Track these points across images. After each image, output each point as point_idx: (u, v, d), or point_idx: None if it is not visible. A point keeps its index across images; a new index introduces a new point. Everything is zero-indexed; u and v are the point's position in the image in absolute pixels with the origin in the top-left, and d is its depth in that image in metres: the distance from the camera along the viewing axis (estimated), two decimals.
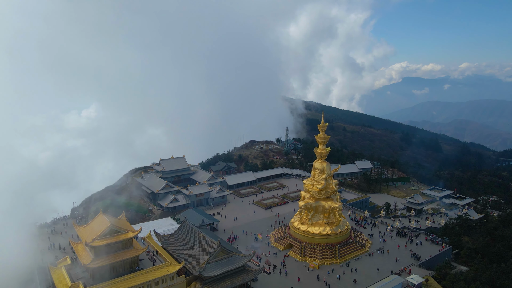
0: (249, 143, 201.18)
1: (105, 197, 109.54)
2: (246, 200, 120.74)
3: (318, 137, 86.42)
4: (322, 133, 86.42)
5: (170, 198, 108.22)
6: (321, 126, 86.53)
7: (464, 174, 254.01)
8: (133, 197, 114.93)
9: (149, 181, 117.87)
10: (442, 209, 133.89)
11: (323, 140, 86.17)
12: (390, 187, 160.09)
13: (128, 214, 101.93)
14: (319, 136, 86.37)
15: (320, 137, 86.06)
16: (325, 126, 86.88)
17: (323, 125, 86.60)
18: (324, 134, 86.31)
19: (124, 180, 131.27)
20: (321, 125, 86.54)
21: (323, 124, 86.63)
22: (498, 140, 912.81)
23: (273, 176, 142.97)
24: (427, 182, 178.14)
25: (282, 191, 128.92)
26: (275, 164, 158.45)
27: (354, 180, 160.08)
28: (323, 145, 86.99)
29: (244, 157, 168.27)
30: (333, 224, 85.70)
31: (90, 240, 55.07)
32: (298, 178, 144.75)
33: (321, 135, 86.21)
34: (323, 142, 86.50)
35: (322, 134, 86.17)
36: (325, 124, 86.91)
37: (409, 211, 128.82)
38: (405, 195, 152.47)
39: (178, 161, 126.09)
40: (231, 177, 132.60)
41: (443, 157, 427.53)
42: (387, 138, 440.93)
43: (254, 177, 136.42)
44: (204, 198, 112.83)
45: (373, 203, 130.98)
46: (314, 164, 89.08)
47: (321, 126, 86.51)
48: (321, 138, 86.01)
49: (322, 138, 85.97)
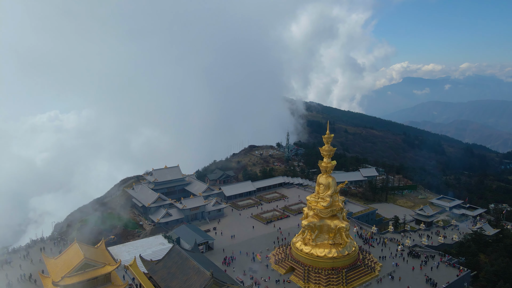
0: (248, 149, 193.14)
1: (91, 212, 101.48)
2: (244, 213, 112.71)
3: (323, 150, 78.16)
4: (327, 145, 78.21)
5: (162, 213, 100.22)
6: (326, 138, 78.30)
7: (471, 179, 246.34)
8: (123, 210, 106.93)
9: (140, 193, 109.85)
10: (453, 221, 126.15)
11: (328, 153, 77.94)
12: (396, 196, 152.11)
13: (116, 231, 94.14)
14: (324, 149, 78.12)
15: (325, 150, 77.81)
16: (331, 137, 78.67)
17: (328, 136, 78.35)
18: (330, 147, 78.07)
19: (114, 191, 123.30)
20: (326, 136, 78.31)
21: (328, 136, 78.38)
22: (499, 140, 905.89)
23: (273, 186, 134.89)
24: (434, 189, 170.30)
25: (283, 202, 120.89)
26: (275, 172, 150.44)
27: (359, 188, 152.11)
28: (328, 158, 78.79)
29: (242, 164, 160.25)
30: (340, 246, 77.60)
31: (59, 277, 47.07)
32: (299, 188, 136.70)
33: (326, 147, 77.99)
34: (329, 155, 78.26)
35: (328, 147, 77.95)
36: (331, 136, 78.65)
37: (418, 224, 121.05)
38: (412, 205, 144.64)
39: (172, 171, 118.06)
40: (229, 188, 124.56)
41: (446, 160, 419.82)
42: (389, 140, 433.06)
43: (253, 187, 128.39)
44: (199, 212, 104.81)
45: (380, 215, 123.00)
46: (318, 179, 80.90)
47: (326, 137, 78.28)
48: (326, 151, 77.79)
49: (328, 151, 77.73)
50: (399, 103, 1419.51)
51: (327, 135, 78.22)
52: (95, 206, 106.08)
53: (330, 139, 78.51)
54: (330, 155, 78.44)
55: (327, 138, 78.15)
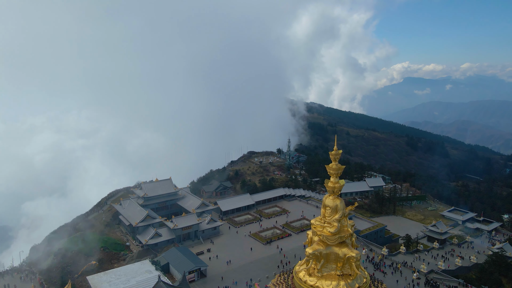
0: (247, 155, 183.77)
1: (72, 232, 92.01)
2: (242, 230, 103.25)
3: (330, 168, 67.96)
4: (335, 162, 68.01)
5: (151, 233, 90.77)
6: (334, 154, 68.02)
7: (479, 186, 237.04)
8: (109, 229, 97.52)
9: (128, 209, 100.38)
10: (467, 237, 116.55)
11: (336, 172, 68.04)
12: (405, 208, 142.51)
13: (99, 254, 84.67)
14: (331, 167, 67.88)
15: (333, 168, 67.59)
16: (339, 154, 68.26)
17: (336, 152, 68.08)
18: (338, 164, 67.76)
19: (100, 206, 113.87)
20: (334, 153, 68.02)
21: (336, 152, 68.08)
22: (500, 141, 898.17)
23: (273, 199, 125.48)
24: (444, 199, 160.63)
25: (284, 218, 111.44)
26: (276, 182, 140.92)
27: (365, 200, 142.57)
28: (335, 177, 68.51)
29: (241, 173, 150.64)
30: (349, 277, 67.46)
31: None
32: (301, 201, 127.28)
33: (333, 165, 67.81)
34: (336, 174, 68.45)
35: (335, 164, 67.72)
36: (339, 152, 68.26)
37: (431, 241, 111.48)
38: (422, 218, 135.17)
39: (163, 185, 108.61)
40: (225, 202, 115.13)
41: (450, 163, 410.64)
42: (392, 143, 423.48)
43: (252, 200, 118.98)
44: (192, 231, 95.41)
45: (389, 232, 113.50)
46: (324, 201, 70.64)
47: (334, 154, 68.01)
48: (333, 170, 67.55)
49: (335, 170, 67.50)
50: (400, 103, 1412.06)
51: (335, 151, 68.21)
52: (77, 225, 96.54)
53: (338, 155, 68.52)
54: (338, 174, 68.80)
55: (334, 155, 68.13)
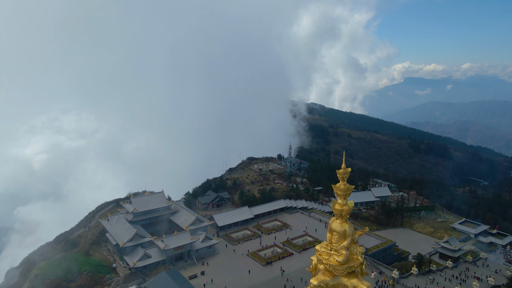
0: (247, 162, 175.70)
1: (54, 252, 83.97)
2: (240, 248, 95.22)
3: (338, 189, 59.00)
4: (343, 182, 58.86)
5: (139, 254, 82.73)
6: (342, 173, 58.82)
7: (487, 191, 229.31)
8: (95, 248, 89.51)
9: (115, 226, 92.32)
10: (482, 253, 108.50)
11: (344, 193, 59.56)
12: (413, 219, 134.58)
13: (82, 279, 76.64)
14: (339, 188, 59.04)
15: (341, 189, 58.77)
16: (347, 172, 59.29)
17: (344, 171, 59.40)
18: (346, 184, 59.19)
19: (88, 220, 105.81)
20: (342, 172, 58.94)
21: (345, 170, 59.45)
22: (502, 141, 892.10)
23: (274, 211, 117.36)
24: (453, 209, 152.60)
25: (285, 234, 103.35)
26: (276, 192, 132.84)
27: (371, 211, 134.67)
28: (344, 199, 60.25)
29: (239, 182, 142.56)
30: None
31: None
32: (304, 213, 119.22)
33: (341, 185, 58.88)
34: (344, 195, 60.01)
35: (343, 185, 59.37)
36: (347, 171, 59.39)
37: (443, 259, 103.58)
38: (432, 231, 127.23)
39: (155, 198, 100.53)
40: (222, 216, 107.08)
41: (454, 166, 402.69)
42: (395, 145, 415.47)
43: (250, 213, 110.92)
44: (185, 251, 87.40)
45: (398, 249, 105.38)
46: (330, 224, 62.13)
47: (342, 173, 58.90)
48: (341, 191, 58.74)
49: (343, 191, 58.45)
50: (400, 104, 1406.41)
51: (343, 170, 59.43)
52: (59, 244, 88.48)
53: (346, 175, 59.50)
54: (346, 195, 60.56)
55: (342, 174, 59.14)
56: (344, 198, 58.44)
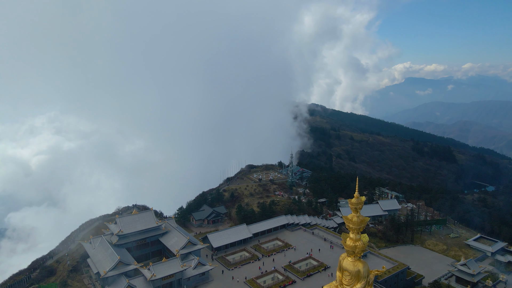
0: (246, 170, 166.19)
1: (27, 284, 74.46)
2: (237, 274, 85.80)
3: (350, 221, 49.03)
4: (356, 214, 48.53)
5: (122, 285, 73.22)
6: (355, 204, 48.30)
7: (496, 199, 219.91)
8: (73, 276, 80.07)
9: (97, 251, 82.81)
10: (502, 276, 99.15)
11: (357, 227, 49.17)
12: (423, 235, 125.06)
13: None
14: (351, 220, 48.62)
15: (354, 222, 48.37)
16: (362, 202, 49.62)
17: (357, 201, 48.86)
18: (360, 216, 49.21)
19: (71, 240, 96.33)
20: (355, 202, 48.48)
21: (358, 200, 48.95)
22: (503, 142, 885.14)
23: (274, 229, 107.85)
24: (465, 221, 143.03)
25: (287, 256, 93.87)
26: (277, 206, 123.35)
27: (378, 226, 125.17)
28: (356, 233, 49.73)
29: (237, 194, 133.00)
30: None
31: None
32: (306, 230, 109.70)
33: (354, 218, 48.89)
34: (358, 229, 49.53)
35: (357, 216, 48.98)
36: (361, 200, 49.59)
37: (460, 283, 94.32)
38: (445, 249, 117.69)
39: (143, 218, 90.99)
40: (218, 236, 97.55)
41: (458, 169, 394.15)
42: (398, 148, 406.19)
43: (249, 232, 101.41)
44: (175, 280, 77.96)
45: (411, 272, 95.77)
46: (341, 262, 52.13)
47: (355, 203, 48.38)
48: (355, 224, 48.65)
49: (357, 224, 48.48)
50: (401, 104, 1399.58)
51: (356, 199, 49.01)
52: (33, 273, 78.88)
53: (360, 205, 49.60)
54: (360, 229, 50.30)
55: (356, 204, 48.60)
56: (357, 233, 48.55)
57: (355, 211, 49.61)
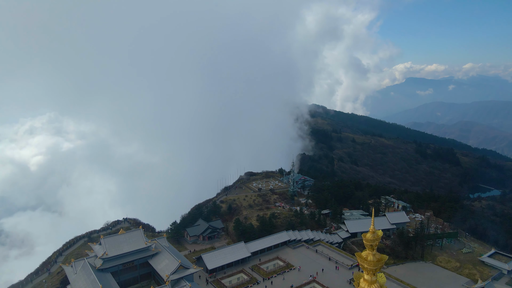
0: (245, 177, 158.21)
1: None
2: None
3: (364, 260, 41.10)
4: (371, 252, 40.66)
5: None
6: (371, 240, 41.15)
7: (505, 205, 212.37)
8: None
9: (79, 277, 74.66)
10: None
11: (373, 268, 41.37)
12: (434, 250, 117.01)
13: None
14: (366, 259, 41.09)
15: (369, 262, 40.77)
16: (378, 238, 42.19)
17: (373, 236, 41.02)
18: (376, 254, 41.25)
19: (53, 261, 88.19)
20: (371, 238, 41.12)
21: (374, 236, 41.10)
22: (504, 142, 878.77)
23: (274, 247, 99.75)
24: (478, 234, 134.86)
25: (288, 279, 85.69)
26: (277, 219, 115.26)
27: (386, 241, 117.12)
28: (372, 275, 42.09)
29: (235, 206, 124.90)
30: None
31: None
32: (309, 248, 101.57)
33: (370, 256, 40.48)
34: (374, 270, 41.64)
35: (372, 255, 41.00)
36: (378, 235, 41.87)
37: None
38: (458, 266, 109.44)
39: (131, 238, 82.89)
40: (213, 255, 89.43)
41: (462, 172, 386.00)
42: (400, 150, 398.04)
43: (247, 251, 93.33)
44: None
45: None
46: None
47: (371, 239, 40.68)
48: (370, 264, 40.69)
49: (373, 264, 40.92)
50: (402, 104, 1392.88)
51: (371, 234, 41.44)
52: None
53: (376, 241, 41.89)
54: (376, 270, 42.31)
55: (371, 240, 41.22)
56: (372, 274, 40.91)
57: (371, 250, 41.77)
